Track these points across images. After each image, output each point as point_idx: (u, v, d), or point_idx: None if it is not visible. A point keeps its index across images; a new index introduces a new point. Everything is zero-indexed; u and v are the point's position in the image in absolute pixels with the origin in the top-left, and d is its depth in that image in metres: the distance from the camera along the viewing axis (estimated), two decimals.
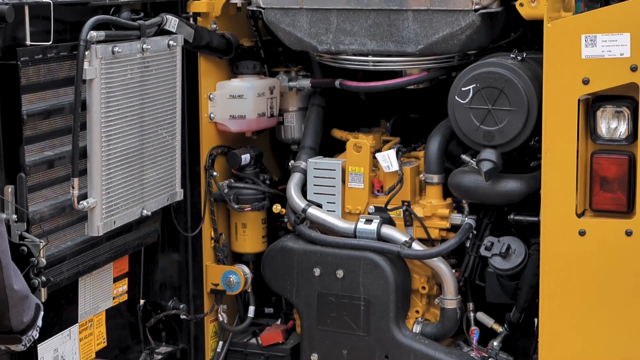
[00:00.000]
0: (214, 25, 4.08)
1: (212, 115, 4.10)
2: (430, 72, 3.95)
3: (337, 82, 4.12)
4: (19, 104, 3.18)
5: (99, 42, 3.38)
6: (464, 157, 3.79)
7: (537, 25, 3.56)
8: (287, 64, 4.34)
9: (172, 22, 3.81)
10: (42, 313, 2.90)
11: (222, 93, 4.10)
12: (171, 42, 3.76)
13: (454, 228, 3.91)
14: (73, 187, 3.35)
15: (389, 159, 3.91)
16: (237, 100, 4.09)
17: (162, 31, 3.78)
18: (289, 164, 4.20)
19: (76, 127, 3.31)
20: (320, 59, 4.10)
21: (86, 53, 3.32)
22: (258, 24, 4.23)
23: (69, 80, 3.37)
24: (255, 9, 4.01)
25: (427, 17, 3.71)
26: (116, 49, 3.43)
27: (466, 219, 3.88)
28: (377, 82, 4.02)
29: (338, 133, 4.23)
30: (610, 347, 3.45)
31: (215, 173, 4.13)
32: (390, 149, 3.97)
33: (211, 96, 4.09)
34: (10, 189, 3.18)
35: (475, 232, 3.89)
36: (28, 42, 3.22)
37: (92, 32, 3.35)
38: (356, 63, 3.95)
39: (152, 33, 3.71)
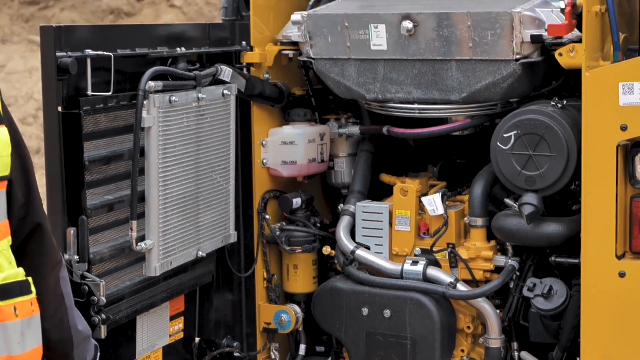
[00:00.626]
0: (267, 75, 4.24)
1: (264, 161, 4.26)
2: (473, 119, 4.06)
3: (384, 129, 4.24)
4: (81, 151, 3.34)
5: (156, 91, 3.54)
6: (507, 200, 3.88)
7: (577, 74, 3.65)
8: (337, 112, 4.47)
9: (226, 72, 3.98)
10: (99, 354, 2.98)
11: (274, 139, 4.26)
12: (225, 92, 3.93)
13: (498, 269, 4.00)
14: (132, 230, 3.50)
15: (434, 203, 4.03)
16: (288, 146, 4.24)
17: (216, 80, 3.95)
18: (339, 207, 4.33)
19: (135, 173, 3.47)
20: (369, 107, 4.23)
21: (145, 102, 3.48)
22: (309, 73, 4.36)
23: (128, 128, 3.53)
24: (306, 59, 4.16)
25: (470, 67, 3.83)
26: (173, 98, 3.60)
27: (509, 260, 3.97)
28: (423, 128, 4.13)
29: (386, 178, 4.35)
30: None
31: (267, 216, 4.27)
32: (435, 193, 4.09)
33: (264, 142, 4.25)
34: (72, 231, 3.34)
35: (518, 273, 3.97)
36: (90, 93, 3.39)
37: (150, 82, 3.51)
38: (402, 110, 4.08)
39: (207, 83, 3.87)
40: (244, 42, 4.19)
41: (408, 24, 3.86)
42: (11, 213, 2.46)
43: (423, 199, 4.07)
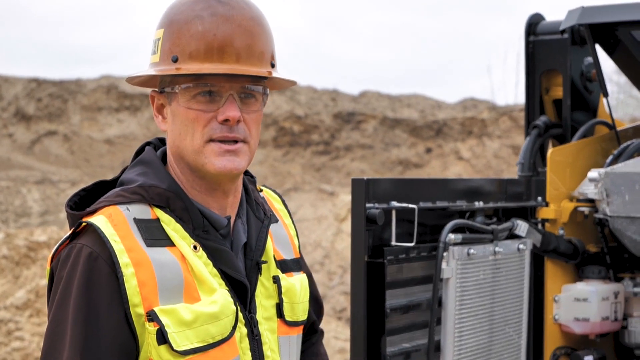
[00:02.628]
0: (562, 231, 4.27)
1: (556, 317, 4.25)
2: None
3: None
4: (384, 299, 3.48)
5: (456, 244, 3.67)
6: None
7: None
8: (633, 270, 4.42)
9: (522, 227, 4.05)
10: None
11: (567, 295, 4.25)
12: (521, 246, 3.99)
13: None
14: None
15: None
16: (581, 303, 4.22)
17: (512, 235, 4.03)
18: None
19: (432, 322, 3.57)
20: None
21: (444, 254, 3.60)
22: (604, 230, 4.36)
23: (427, 278, 3.64)
24: (602, 216, 4.17)
25: None
26: (471, 251, 3.70)
27: None
28: None
29: None
30: None
31: None
32: None
33: (556, 298, 4.26)
34: None
35: None
36: (394, 243, 3.54)
37: (450, 235, 3.64)
38: None
39: (503, 237, 3.95)
40: (539, 198, 4.25)
41: None
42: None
43: None
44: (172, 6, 2.24)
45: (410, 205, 3.57)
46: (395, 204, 3.54)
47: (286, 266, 2.40)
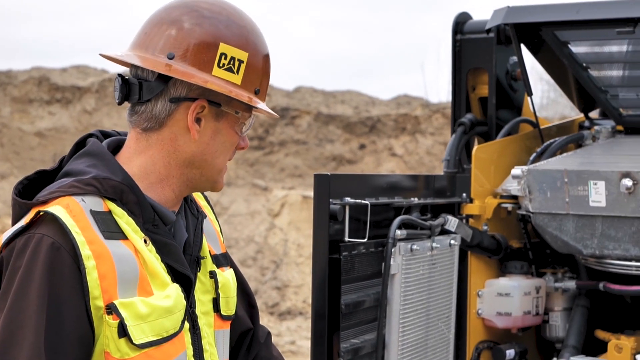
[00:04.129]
0: (485, 227, 4.35)
1: (479, 311, 4.33)
2: None
3: (601, 285, 4.25)
4: (339, 295, 3.49)
5: (401, 240, 3.71)
6: None
7: None
8: (554, 266, 4.51)
9: (452, 222, 4.11)
10: None
11: (490, 290, 4.33)
12: (452, 242, 4.06)
13: None
14: None
15: None
16: (504, 298, 4.30)
17: (442, 230, 4.09)
18: None
19: (381, 318, 3.61)
20: (586, 262, 4.26)
21: (392, 250, 3.65)
22: (527, 227, 4.44)
23: (375, 274, 3.68)
24: (524, 213, 4.25)
25: None
26: (414, 246, 3.76)
27: None
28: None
29: (601, 334, 4.33)
30: None
31: None
32: None
33: (480, 293, 4.33)
34: None
35: None
36: (347, 239, 3.56)
37: (397, 230, 3.69)
38: (620, 267, 4.09)
39: (437, 232, 4.02)
40: (464, 194, 4.32)
41: (628, 182, 3.90)
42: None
43: (638, 356, 4.03)
44: (247, 27, 2.28)
45: (363, 201, 3.61)
46: (349, 199, 3.57)
47: (218, 261, 2.44)
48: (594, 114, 4.84)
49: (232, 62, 2.24)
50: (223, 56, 2.22)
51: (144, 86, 2.22)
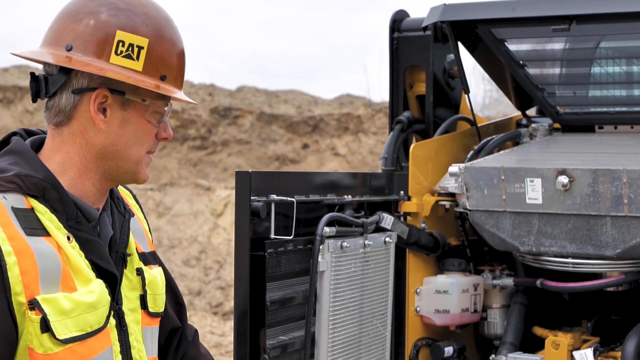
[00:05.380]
0: (423, 224, 4.35)
1: (418, 309, 4.33)
2: (628, 275, 4.06)
3: (538, 282, 4.27)
4: (264, 292, 3.48)
5: (330, 237, 3.70)
6: None
7: None
8: (492, 263, 4.53)
9: (387, 220, 4.11)
10: None
11: (428, 288, 4.33)
12: (387, 239, 4.05)
13: None
14: None
15: (586, 358, 4.02)
16: (442, 295, 4.31)
17: (377, 228, 4.09)
18: (491, 358, 4.34)
19: (309, 315, 3.60)
20: (523, 259, 4.28)
21: (320, 247, 3.64)
22: (465, 224, 4.46)
23: (303, 271, 3.67)
24: (462, 210, 4.26)
25: (625, 223, 3.85)
26: (344, 244, 3.75)
27: None
28: (577, 283, 4.15)
29: (539, 331, 4.36)
30: None
31: None
32: (588, 348, 4.08)
33: (418, 290, 4.33)
34: None
35: None
36: (272, 236, 3.55)
37: (326, 228, 3.68)
38: (557, 264, 4.12)
39: (371, 230, 4.01)
40: (402, 192, 4.32)
41: (564, 179, 3.92)
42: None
43: (575, 353, 4.06)
44: (149, 14, 2.26)
45: (289, 199, 3.60)
46: (274, 197, 3.55)
47: (146, 259, 2.45)
48: (531, 111, 4.87)
49: (130, 49, 2.22)
50: (120, 43, 2.21)
51: (49, 80, 2.22)
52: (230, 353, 10.85)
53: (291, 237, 3.61)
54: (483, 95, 22.25)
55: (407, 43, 4.59)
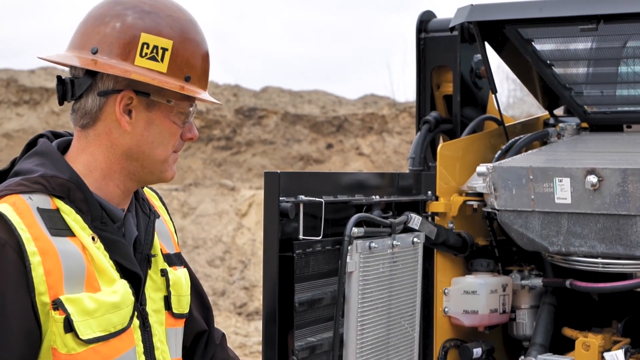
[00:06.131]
0: (451, 224, 4.33)
1: (446, 309, 4.31)
2: None
3: (567, 282, 4.24)
4: (293, 293, 3.46)
5: (358, 237, 3.69)
6: None
7: None
8: (520, 263, 4.50)
9: (415, 220, 4.09)
10: None
11: (456, 288, 4.32)
12: (415, 239, 4.04)
13: None
14: None
15: (617, 359, 3.99)
16: (470, 295, 4.29)
17: (405, 228, 4.07)
18: (519, 359, 4.32)
19: (338, 316, 3.58)
20: (552, 259, 4.26)
21: (349, 247, 3.62)
22: (493, 224, 4.43)
23: (331, 272, 3.65)
24: (490, 210, 4.24)
25: None
26: (372, 244, 3.74)
27: None
28: (607, 283, 4.11)
29: (568, 331, 4.33)
30: None
31: None
32: (619, 349, 4.05)
33: (446, 291, 4.32)
34: None
35: None
36: (301, 236, 3.53)
37: (354, 228, 3.67)
38: (586, 264, 4.09)
39: (399, 230, 4.00)
40: (429, 192, 4.31)
41: (593, 179, 3.90)
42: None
43: (605, 354, 4.03)
44: (173, 16, 2.28)
45: (317, 199, 3.59)
46: (303, 197, 3.55)
47: (171, 260, 2.46)
48: (558, 111, 4.85)
49: (155, 51, 2.25)
50: (145, 45, 2.24)
51: (75, 83, 2.25)
52: (255, 354, 10.85)
53: (319, 238, 3.60)
54: (507, 94, 22.22)
55: (434, 43, 4.58)
